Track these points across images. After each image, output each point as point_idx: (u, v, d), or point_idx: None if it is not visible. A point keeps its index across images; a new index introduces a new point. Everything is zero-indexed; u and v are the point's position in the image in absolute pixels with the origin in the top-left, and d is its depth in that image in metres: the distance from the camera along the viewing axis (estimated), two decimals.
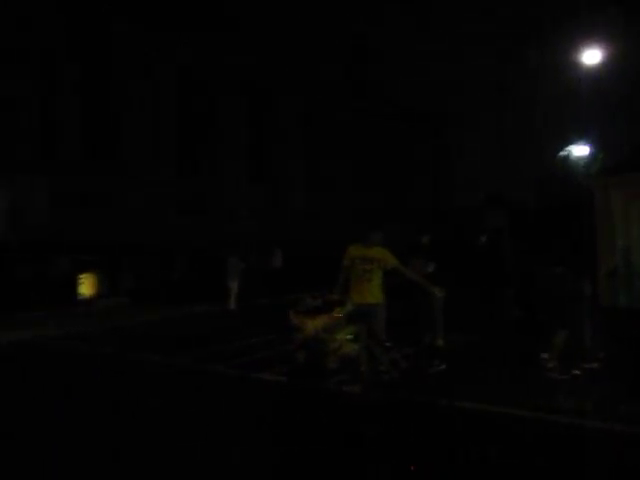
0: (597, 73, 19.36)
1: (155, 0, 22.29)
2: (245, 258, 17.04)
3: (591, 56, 18.76)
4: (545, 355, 7.87)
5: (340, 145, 30.50)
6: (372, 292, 7.38)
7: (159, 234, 21.25)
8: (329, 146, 30.13)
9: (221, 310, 16.37)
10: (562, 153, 25.44)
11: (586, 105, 21.05)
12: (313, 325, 6.77)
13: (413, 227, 16.94)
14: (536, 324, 9.56)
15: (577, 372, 7.62)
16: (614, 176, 14.94)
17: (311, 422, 6.23)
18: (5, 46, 18.64)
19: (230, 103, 25.60)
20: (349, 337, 7.10)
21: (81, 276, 18.81)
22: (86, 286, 18.89)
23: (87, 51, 20.97)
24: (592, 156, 21.98)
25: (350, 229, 26.89)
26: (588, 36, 19.20)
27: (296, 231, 24.89)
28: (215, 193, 24.51)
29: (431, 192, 37.38)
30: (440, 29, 36.05)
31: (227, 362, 9.33)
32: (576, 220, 14.98)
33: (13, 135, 18.88)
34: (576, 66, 19.39)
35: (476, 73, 34.73)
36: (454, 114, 36.67)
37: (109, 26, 21.47)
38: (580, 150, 23.32)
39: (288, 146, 28.33)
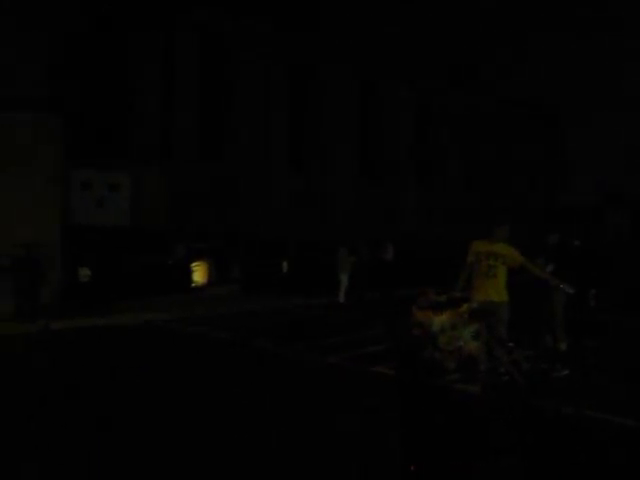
0: None
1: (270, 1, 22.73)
2: (355, 251, 17.07)
3: None
4: None
5: (452, 142, 29.90)
6: (497, 289, 7.13)
7: (271, 226, 21.72)
8: (440, 143, 29.61)
9: (330, 302, 16.49)
10: None
11: None
12: (439, 321, 6.61)
13: (526, 227, 16.30)
14: None
15: None
16: None
17: (430, 420, 6.13)
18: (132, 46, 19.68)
19: (341, 101, 25.68)
20: (471, 335, 6.93)
21: (194, 264, 19.50)
22: (199, 274, 19.59)
23: (202, 51, 21.73)
24: None
25: (460, 228, 26.44)
26: None
27: (406, 227, 24.68)
28: (326, 187, 24.72)
29: (543, 190, 35.90)
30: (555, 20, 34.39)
31: (339, 354, 9.38)
32: None
33: (135, 128, 19.90)
34: None
35: (592, 68, 33.00)
36: (569, 109, 35.02)
37: (222, 24, 22.13)
38: None
39: (399, 142, 28.06)
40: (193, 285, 19.02)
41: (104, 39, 19.31)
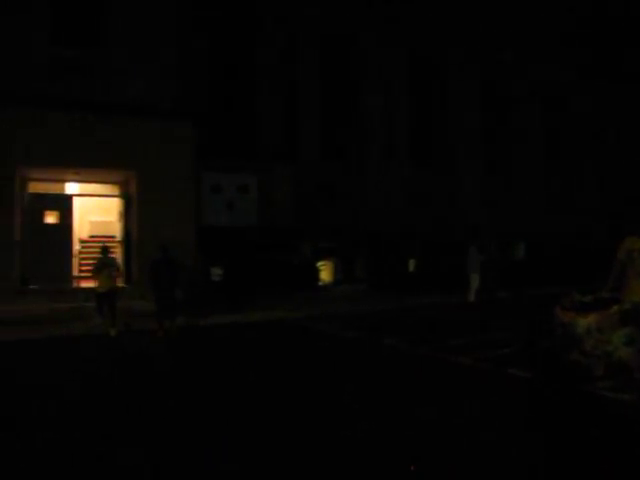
0: None
1: None
2: (485, 249, 16.46)
3: None
4: None
5: (580, 135, 28.07)
6: None
7: (395, 224, 21.48)
8: (569, 138, 27.90)
9: (459, 302, 16.01)
10: None
11: None
12: (586, 323, 6.14)
13: None
14: None
15: None
16: None
17: (575, 430, 5.66)
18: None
19: (465, 98, 24.92)
20: (623, 340, 6.33)
21: (321, 262, 19.68)
22: (325, 272, 19.74)
23: (323, 50, 21.87)
24: None
25: (594, 224, 24.79)
26: None
27: (536, 224, 23.49)
28: (450, 184, 24.09)
29: None
30: None
31: (471, 354, 8.99)
32: None
33: (260, 128, 20.38)
34: None
35: None
36: None
37: (342, 21, 22.15)
38: None
39: (527, 139, 26.73)
40: (320, 284, 19.20)
41: (229, 42, 19.96)
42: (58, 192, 16.18)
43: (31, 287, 14.67)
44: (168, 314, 11.29)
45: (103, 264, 11.67)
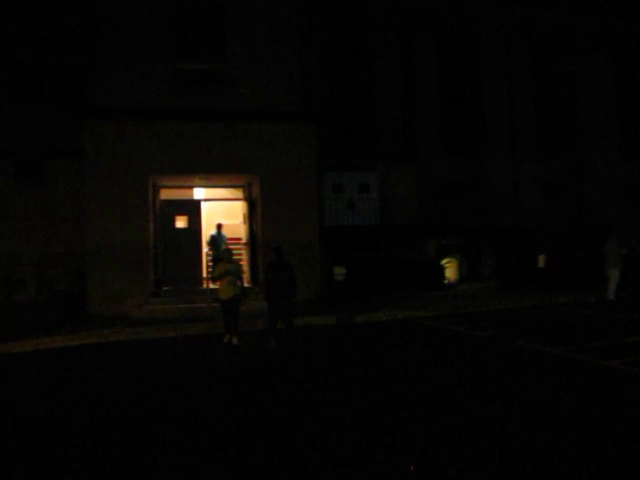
0: None
1: None
2: (625, 243, 15.19)
3: None
4: None
5: None
6: None
7: (522, 218, 20.48)
8: None
9: (598, 300, 14.89)
10: None
11: None
12: None
13: None
14: None
15: None
16: None
17: None
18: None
19: (596, 85, 23.32)
20: None
21: (445, 260, 19.11)
22: (450, 270, 19.14)
23: (439, 44, 21.29)
24: None
25: None
26: None
27: None
28: (582, 174, 22.65)
29: None
30: None
31: (618, 358, 8.23)
32: None
33: (381, 128, 20.15)
34: None
35: None
36: None
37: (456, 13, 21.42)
38: None
39: None
40: (445, 282, 18.63)
41: (346, 42, 19.91)
42: (187, 197, 16.85)
43: (164, 289, 15.39)
44: (281, 316, 10.47)
45: (227, 271, 10.89)
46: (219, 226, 16.27)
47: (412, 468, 4.71)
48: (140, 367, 9.30)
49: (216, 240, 15.97)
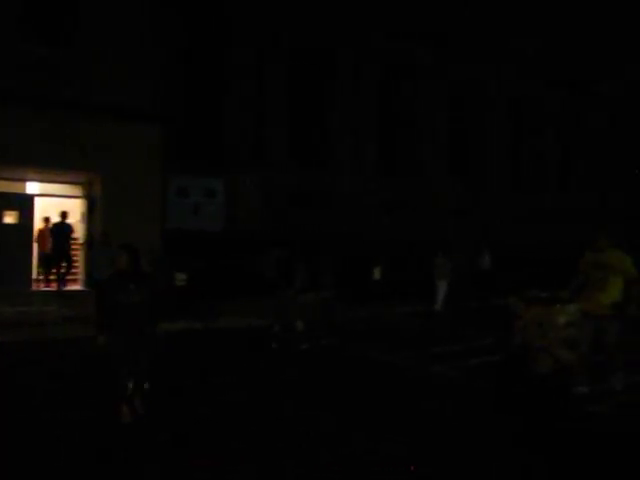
0: None
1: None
2: (451, 258, 16.54)
3: None
4: None
5: (547, 140, 28.67)
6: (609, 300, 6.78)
7: (360, 231, 21.46)
8: (535, 142, 28.42)
9: (427, 311, 16.04)
10: None
11: None
12: (529, 313, 6.57)
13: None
14: None
15: None
16: None
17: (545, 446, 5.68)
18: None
19: (431, 98, 25.15)
20: (563, 340, 6.54)
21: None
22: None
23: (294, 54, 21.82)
24: None
25: (560, 231, 25.31)
26: None
27: (502, 233, 23.81)
28: (417, 191, 24.21)
29: None
30: None
31: (447, 364, 9.00)
32: None
33: (230, 135, 20.17)
34: None
35: None
36: None
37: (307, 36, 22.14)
38: None
39: (494, 144, 27.10)
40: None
41: (205, 51, 19.77)
42: (19, 191, 15.67)
43: None
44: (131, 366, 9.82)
45: None
46: (64, 214, 15.14)
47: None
48: None
49: (61, 230, 14.91)
